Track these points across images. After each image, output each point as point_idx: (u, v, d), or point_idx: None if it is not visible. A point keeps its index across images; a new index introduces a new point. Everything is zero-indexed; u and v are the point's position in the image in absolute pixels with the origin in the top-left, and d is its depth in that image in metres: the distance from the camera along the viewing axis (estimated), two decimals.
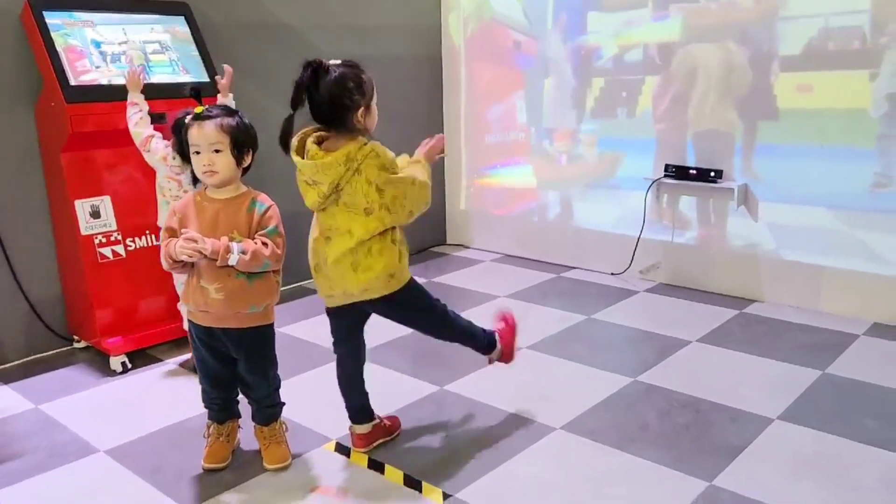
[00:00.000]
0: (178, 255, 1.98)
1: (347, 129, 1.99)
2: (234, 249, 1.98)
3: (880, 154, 3.20)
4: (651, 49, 3.81)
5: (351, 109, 1.97)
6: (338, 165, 1.96)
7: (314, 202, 2.05)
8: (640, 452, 2.25)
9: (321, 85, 1.94)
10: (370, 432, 2.28)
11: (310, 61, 1.97)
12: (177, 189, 2.79)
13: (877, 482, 2.06)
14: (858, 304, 3.31)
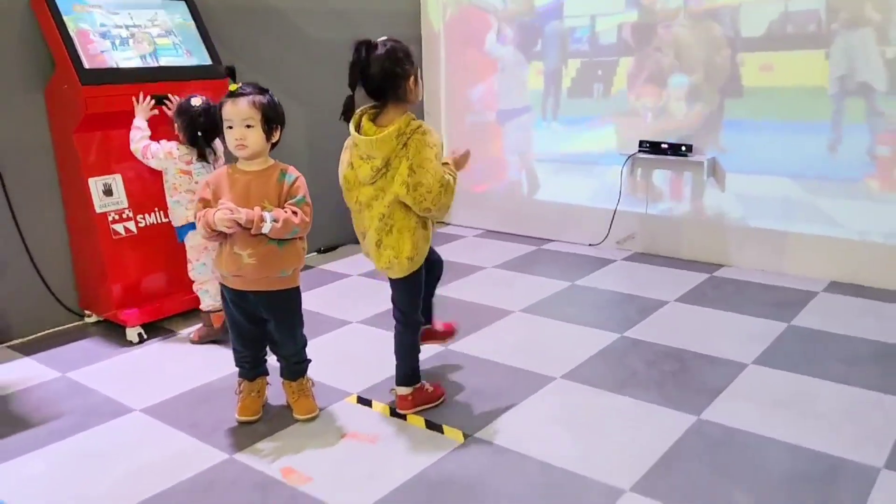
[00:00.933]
0: (216, 226, 2.15)
1: (399, 99, 2.16)
2: (266, 218, 2.16)
3: (833, 127, 3.51)
4: (625, 32, 4.06)
5: (402, 78, 2.14)
6: (391, 140, 2.12)
7: (367, 175, 2.19)
8: (633, 395, 2.51)
9: (373, 60, 2.11)
10: (412, 395, 2.41)
11: (360, 41, 2.12)
12: (188, 182, 2.95)
13: (840, 413, 2.36)
14: (817, 265, 3.63)
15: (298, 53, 4.08)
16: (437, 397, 2.48)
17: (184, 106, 2.92)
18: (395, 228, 2.24)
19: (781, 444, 2.17)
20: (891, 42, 3.29)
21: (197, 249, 3.04)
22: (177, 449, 2.25)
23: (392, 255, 2.25)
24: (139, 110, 3.01)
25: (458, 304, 3.41)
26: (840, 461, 2.08)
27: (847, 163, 3.50)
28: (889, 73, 3.32)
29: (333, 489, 2.02)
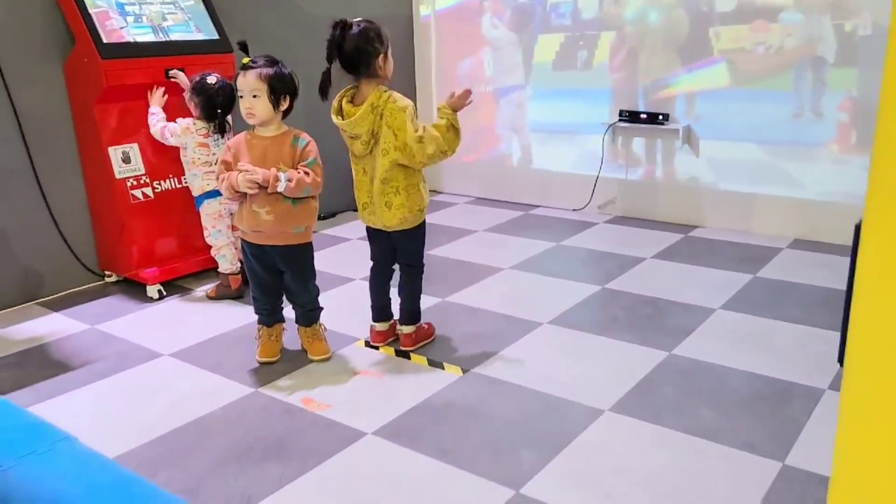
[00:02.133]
0: (239, 187, 2.41)
1: (370, 75, 2.42)
2: (281, 178, 2.41)
3: (796, 95, 3.80)
4: (606, 7, 4.31)
5: (373, 56, 2.40)
6: (367, 115, 2.40)
7: (361, 150, 2.48)
8: (614, 335, 2.81)
9: (347, 38, 2.37)
10: (415, 333, 2.72)
11: (336, 21, 2.40)
12: (206, 154, 3.19)
13: (793, 347, 2.67)
14: (782, 224, 3.94)
15: (298, 28, 4.29)
16: (432, 333, 2.80)
17: (201, 84, 3.14)
18: (400, 188, 2.51)
19: (742, 372, 2.49)
20: (841, 19, 3.57)
21: (213, 217, 3.28)
22: (209, 384, 2.52)
23: (405, 211, 2.53)
24: (153, 100, 3.26)
25: (452, 262, 3.69)
26: (791, 384, 2.39)
27: (809, 128, 3.79)
28: (838, 47, 3.60)
29: (350, 414, 2.30)
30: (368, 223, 2.65)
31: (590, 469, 1.99)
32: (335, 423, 2.25)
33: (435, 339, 2.81)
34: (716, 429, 2.15)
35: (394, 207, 2.52)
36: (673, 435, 2.14)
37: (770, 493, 1.86)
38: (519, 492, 1.90)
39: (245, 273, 2.95)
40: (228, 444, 2.15)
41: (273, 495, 1.92)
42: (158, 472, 2.03)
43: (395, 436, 2.18)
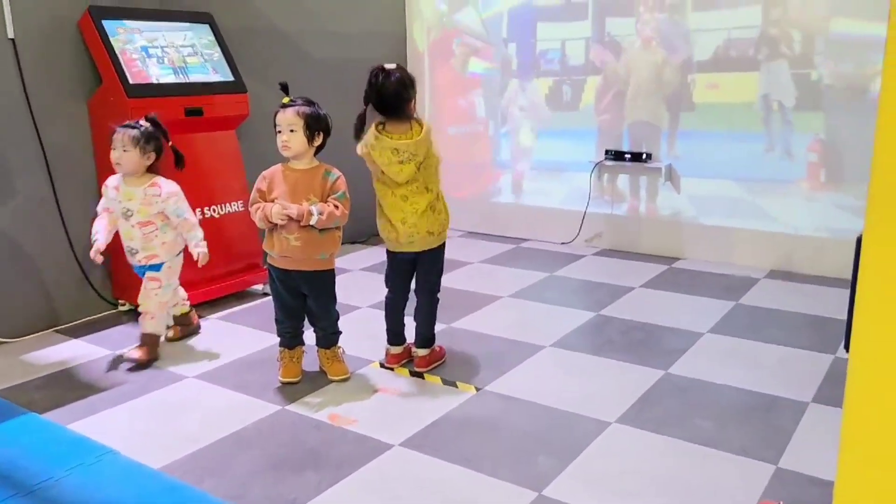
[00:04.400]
0: (273, 218, 2.60)
1: (405, 116, 2.66)
2: (314, 212, 2.61)
3: (767, 136, 4.12)
4: (592, 55, 4.62)
5: (407, 101, 2.65)
6: (427, 137, 2.67)
7: (411, 173, 2.67)
8: (612, 356, 3.02)
9: (387, 83, 2.60)
10: (429, 355, 2.91)
11: (375, 68, 2.63)
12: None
13: (777, 365, 2.91)
14: (759, 256, 4.22)
15: (302, 68, 4.52)
16: (443, 356, 2.99)
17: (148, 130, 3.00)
18: (435, 210, 2.76)
19: (732, 388, 2.71)
20: (807, 68, 3.91)
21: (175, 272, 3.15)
22: (237, 402, 2.67)
23: (439, 229, 2.79)
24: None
25: (454, 291, 3.88)
26: (778, 398, 2.62)
27: (782, 167, 4.10)
28: (806, 94, 3.94)
29: (376, 428, 2.46)
30: (402, 248, 2.82)
31: (604, 472, 2.18)
32: (363, 437, 2.41)
33: (446, 361, 2.99)
34: (713, 437, 2.36)
35: (429, 221, 2.77)
36: (675, 443, 2.34)
37: (767, 491, 2.06)
38: (541, 493, 2.08)
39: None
40: (265, 455, 2.30)
41: (316, 499, 2.07)
42: (203, 480, 2.17)
43: (420, 446, 2.34)
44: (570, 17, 4.65)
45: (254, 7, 4.24)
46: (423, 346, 2.90)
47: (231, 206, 3.79)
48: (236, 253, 3.82)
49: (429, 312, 2.89)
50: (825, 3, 3.83)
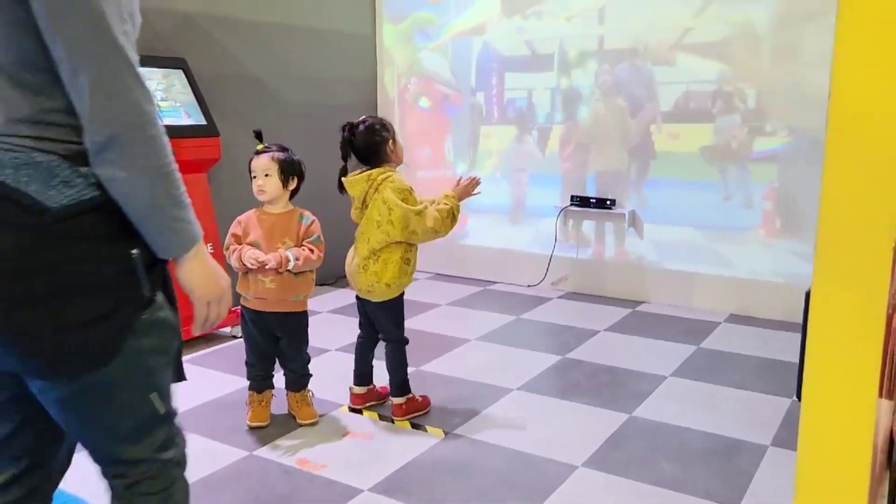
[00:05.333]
0: (245, 262, 2.63)
1: (383, 161, 2.73)
2: (290, 258, 2.65)
3: (724, 185, 4.29)
4: (557, 103, 4.77)
5: (382, 144, 2.72)
6: (362, 181, 2.71)
7: (355, 215, 2.78)
8: (577, 399, 3.08)
9: (357, 136, 2.69)
10: (405, 404, 2.88)
11: (344, 124, 2.74)
12: None
13: (738, 408, 2.99)
14: (718, 300, 4.35)
15: (274, 113, 4.58)
16: (425, 406, 2.96)
17: None
18: (380, 258, 2.76)
19: (695, 431, 2.78)
20: (761, 121, 4.11)
21: None
22: (204, 448, 2.65)
23: (374, 279, 2.76)
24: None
25: (422, 334, 3.92)
26: (739, 441, 2.70)
27: (739, 215, 4.26)
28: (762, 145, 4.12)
29: (345, 473, 2.47)
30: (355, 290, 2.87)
31: None
32: (332, 482, 2.41)
33: (429, 412, 2.96)
34: (678, 480, 2.42)
35: (368, 273, 2.76)
36: (641, 486, 2.39)
37: None
38: None
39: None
40: (235, 502, 2.29)
41: None
42: None
43: (389, 491, 2.36)
44: (537, 68, 4.81)
45: (227, 53, 4.31)
46: (396, 395, 2.91)
47: None
48: None
49: (392, 359, 2.90)
50: (778, 58, 4.04)
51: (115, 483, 1.36)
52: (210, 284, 1.32)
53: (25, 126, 1.14)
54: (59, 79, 1.12)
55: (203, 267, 1.31)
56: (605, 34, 4.54)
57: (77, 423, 1.29)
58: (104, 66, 1.10)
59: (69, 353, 1.19)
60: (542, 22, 4.74)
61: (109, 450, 1.33)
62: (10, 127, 1.14)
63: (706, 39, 4.20)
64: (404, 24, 5.30)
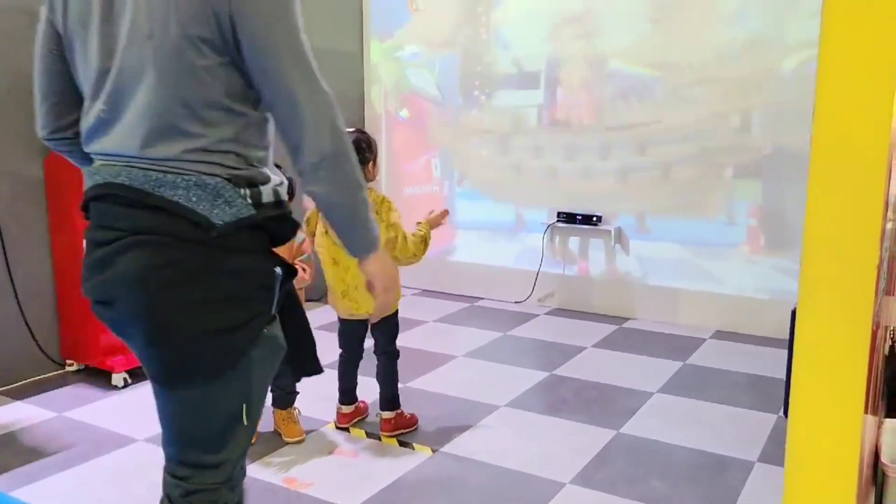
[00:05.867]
0: None
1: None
2: None
3: (707, 199, 4.33)
4: (544, 119, 4.81)
5: (364, 164, 2.71)
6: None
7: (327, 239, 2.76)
8: (564, 416, 3.08)
9: None
10: (394, 419, 2.89)
11: None
12: None
13: (724, 424, 3.00)
14: (704, 317, 4.38)
15: None
16: (413, 423, 2.95)
17: None
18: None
19: (682, 448, 2.78)
20: (746, 139, 4.16)
21: None
22: None
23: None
24: None
25: (410, 350, 3.89)
26: (726, 457, 2.70)
27: (724, 231, 4.30)
28: (745, 163, 4.17)
29: (332, 491, 2.45)
30: (347, 313, 2.86)
31: None
32: (319, 500, 2.39)
33: (417, 429, 2.95)
34: (666, 497, 2.42)
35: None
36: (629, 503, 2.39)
37: None
38: None
39: None
40: None
41: None
42: None
43: None
44: (524, 84, 4.84)
45: None
46: (387, 409, 2.90)
47: None
48: None
49: (389, 373, 2.90)
50: (762, 76, 4.09)
51: (175, 484, 1.46)
52: (388, 275, 1.48)
53: (199, 154, 1.31)
54: (232, 112, 1.33)
55: (384, 260, 1.47)
56: (591, 52, 4.58)
57: (174, 417, 1.44)
58: (318, 104, 1.34)
59: (194, 362, 1.35)
60: (529, 39, 4.78)
61: (188, 449, 1.45)
62: (184, 155, 1.31)
63: (690, 58, 4.26)
64: (391, 41, 5.33)
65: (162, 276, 1.31)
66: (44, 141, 1.58)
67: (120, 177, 1.33)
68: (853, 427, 1.09)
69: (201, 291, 1.32)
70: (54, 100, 1.49)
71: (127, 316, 1.36)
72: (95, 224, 1.41)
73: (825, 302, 1.05)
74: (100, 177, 1.36)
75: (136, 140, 1.31)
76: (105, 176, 1.35)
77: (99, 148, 1.38)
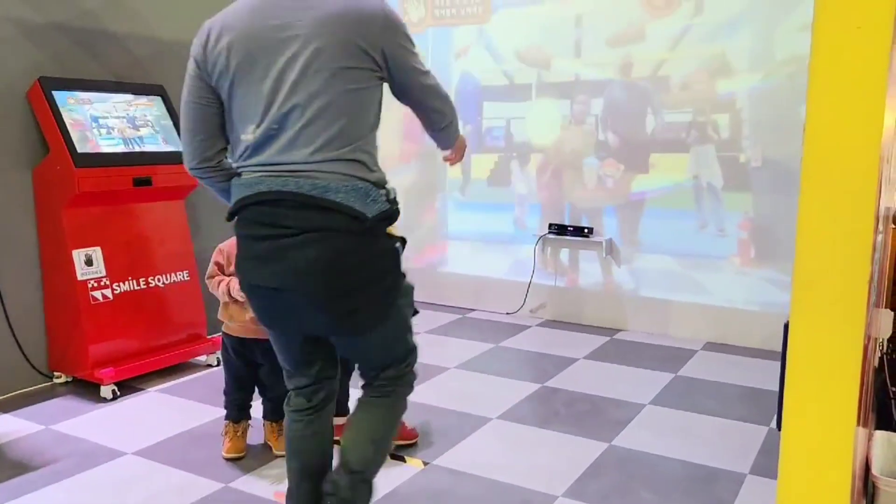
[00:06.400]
0: (235, 295, 2.60)
1: None
2: None
3: (699, 214, 4.35)
4: (536, 131, 4.82)
5: None
6: None
7: None
8: (556, 429, 3.07)
9: None
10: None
11: None
12: None
13: (715, 436, 3.00)
14: (695, 328, 4.39)
15: None
16: (413, 437, 2.91)
17: None
18: None
19: (674, 460, 2.78)
20: (735, 152, 4.19)
21: None
22: (178, 481, 2.59)
23: None
24: None
25: None
26: (717, 470, 2.70)
27: (715, 243, 4.32)
28: (735, 175, 4.19)
29: None
30: None
31: None
32: None
33: (416, 443, 2.91)
34: None
35: None
36: None
37: None
38: None
39: None
40: None
41: None
42: None
43: None
44: (515, 97, 4.86)
45: None
46: None
47: (176, 276, 3.76)
48: (180, 323, 3.77)
49: None
50: (752, 88, 4.13)
51: (383, 381, 2.05)
52: (462, 145, 2.26)
53: (349, 166, 1.79)
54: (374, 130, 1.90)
55: (462, 139, 2.24)
56: (582, 65, 4.61)
57: (362, 353, 2.04)
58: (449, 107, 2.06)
59: (369, 318, 1.88)
60: (521, 52, 4.80)
61: (382, 366, 2.03)
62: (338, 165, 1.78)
63: (681, 71, 4.29)
64: None
65: (335, 263, 1.77)
66: (190, 170, 1.96)
67: (288, 185, 1.75)
68: (846, 439, 1.09)
69: (365, 271, 1.82)
70: (202, 136, 1.87)
71: (307, 298, 1.81)
72: (256, 222, 1.81)
73: (818, 315, 1.05)
74: (264, 186, 1.78)
75: (303, 152, 1.76)
76: (271, 185, 1.77)
77: (264, 159, 1.79)
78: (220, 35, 1.80)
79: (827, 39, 1.01)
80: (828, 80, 1.02)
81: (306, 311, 1.84)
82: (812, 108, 1.04)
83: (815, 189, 1.04)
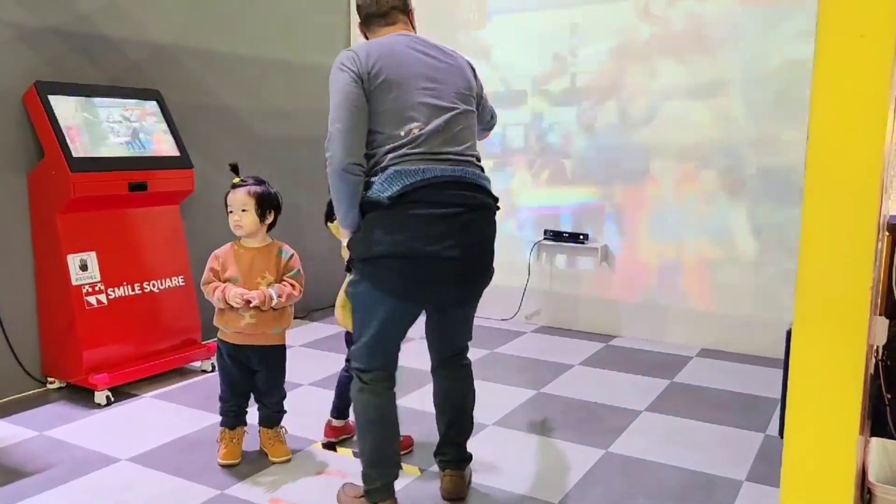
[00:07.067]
0: (231, 301, 2.59)
1: None
2: (273, 296, 2.62)
3: (695, 219, 4.36)
4: (531, 137, 4.83)
5: None
6: None
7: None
8: (553, 435, 3.07)
9: None
10: (345, 425, 2.92)
11: None
12: None
13: (711, 443, 3.00)
14: (690, 335, 4.39)
15: (247, 144, 4.56)
16: (408, 445, 2.92)
17: None
18: None
19: (671, 467, 2.78)
20: (732, 159, 4.20)
21: None
22: (173, 487, 2.58)
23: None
24: None
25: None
26: (714, 476, 2.70)
27: (711, 250, 4.32)
28: (731, 183, 4.21)
29: None
30: None
31: None
32: None
33: (412, 450, 2.92)
34: None
35: (347, 308, 2.76)
36: None
37: None
38: None
39: None
40: None
41: None
42: None
43: None
44: (511, 103, 4.87)
45: (201, 85, 4.29)
46: (336, 417, 2.91)
47: (171, 282, 3.75)
48: (175, 328, 3.75)
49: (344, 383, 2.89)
50: (751, 98, 4.15)
51: (463, 361, 2.67)
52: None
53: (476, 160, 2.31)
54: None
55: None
56: (578, 73, 4.62)
57: (469, 322, 2.58)
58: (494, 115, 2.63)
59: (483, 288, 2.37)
60: (516, 59, 4.81)
61: (469, 338, 2.62)
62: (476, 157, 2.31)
63: (680, 82, 4.31)
64: None
65: (493, 234, 2.29)
66: (345, 165, 2.16)
67: (455, 171, 2.18)
68: (849, 447, 1.09)
69: (493, 244, 2.31)
70: (358, 132, 2.18)
71: (474, 264, 2.24)
72: (433, 201, 2.14)
73: (820, 323, 1.05)
74: (438, 170, 2.15)
75: (461, 145, 2.24)
76: (443, 170, 2.16)
77: (429, 148, 2.17)
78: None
79: (830, 48, 1.01)
80: (831, 88, 1.02)
81: (454, 280, 2.19)
82: (815, 117, 1.05)
83: (818, 197, 1.05)
